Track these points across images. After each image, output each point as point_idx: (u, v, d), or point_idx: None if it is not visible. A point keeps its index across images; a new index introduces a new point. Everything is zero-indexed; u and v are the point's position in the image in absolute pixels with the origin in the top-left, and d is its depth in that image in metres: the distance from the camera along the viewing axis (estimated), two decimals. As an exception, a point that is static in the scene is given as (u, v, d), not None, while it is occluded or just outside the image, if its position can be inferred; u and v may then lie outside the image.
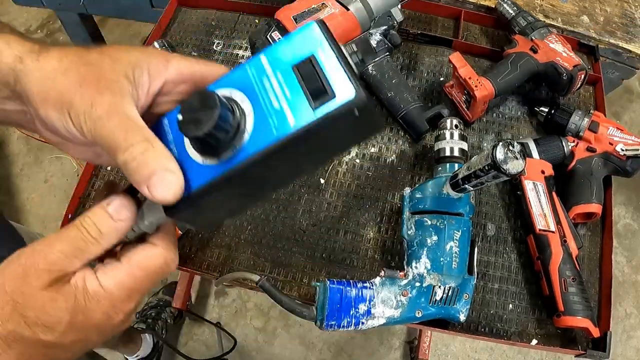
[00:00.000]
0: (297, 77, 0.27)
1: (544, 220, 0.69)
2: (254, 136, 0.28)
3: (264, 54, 0.29)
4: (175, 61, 0.32)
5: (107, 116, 0.28)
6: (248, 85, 0.29)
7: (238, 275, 0.67)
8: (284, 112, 0.27)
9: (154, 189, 0.28)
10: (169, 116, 0.31)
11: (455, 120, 0.70)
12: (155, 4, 1.17)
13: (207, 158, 0.29)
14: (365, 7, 0.76)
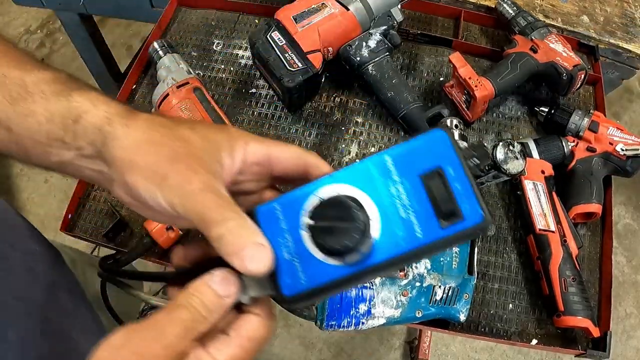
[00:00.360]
0: (425, 189, 0.28)
1: (544, 220, 0.69)
2: (381, 244, 0.28)
3: (388, 154, 0.29)
4: (253, 143, 0.34)
5: (202, 193, 0.29)
6: (372, 188, 0.29)
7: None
8: (412, 225, 0.28)
9: (247, 261, 0.28)
10: (280, 203, 0.31)
11: (455, 120, 0.70)
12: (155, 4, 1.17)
13: (330, 258, 0.28)
14: (365, 7, 0.76)
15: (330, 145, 0.80)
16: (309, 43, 0.74)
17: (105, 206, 0.74)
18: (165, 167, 0.30)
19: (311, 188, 0.30)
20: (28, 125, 0.33)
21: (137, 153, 0.31)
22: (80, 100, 0.33)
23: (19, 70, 0.34)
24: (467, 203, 0.27)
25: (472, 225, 0.27)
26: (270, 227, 0.30)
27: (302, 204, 0.30)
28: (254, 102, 0.84)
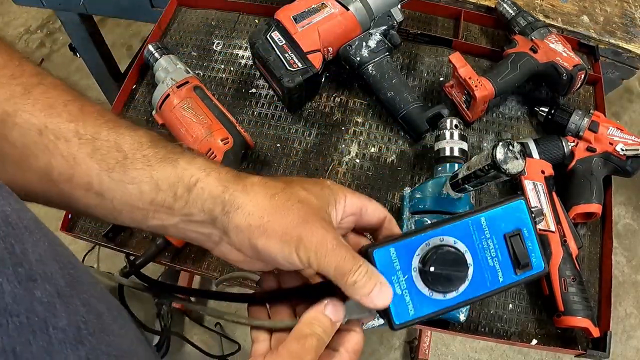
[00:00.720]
0: (507, 244, 0.37)
1: (544, 220, 0.69)
2: (473, 284, 0.37)
3: (483, 215, 0.37)
4: (350, 197, 0.38)
5: (334, 250, 0.34)
6: (470, 240, 0.37)
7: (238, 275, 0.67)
8: (496, 271, 0.37)
9: (376, 300, 0.34)
10: (395, 247, 0.37)
11: (455, 120, 0.70)
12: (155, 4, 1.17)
13: (435, 293, 0.36)
14: (365, 7, 0.76)
15: (330, 145, 0.80)
16: (309, 43, 0.74)
17: (105, 206, 0.74)
18: (298, 229, 0.33)
19: (422, 237, 0.37)
20: (128, 192, 0.33)
21: (266, 220, 0.33)
22: (189, 167, 0.34)
23: (108, 131, 0.33)
24: (535, 257, 0.37)
25: (536, 273, 0.37)
26: (385, 266, 0.36)
27: (415, 248, 0.37)
28: (254, 102, 0.84)
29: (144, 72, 0.86)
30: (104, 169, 0.32)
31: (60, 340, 0.24)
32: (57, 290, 0.25)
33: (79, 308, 0.26)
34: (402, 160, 0.79)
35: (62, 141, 0.32)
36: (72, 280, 0.27)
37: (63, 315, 0.24)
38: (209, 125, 0.71)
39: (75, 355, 0.24)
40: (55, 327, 0.24)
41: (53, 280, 0.25)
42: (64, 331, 0.24)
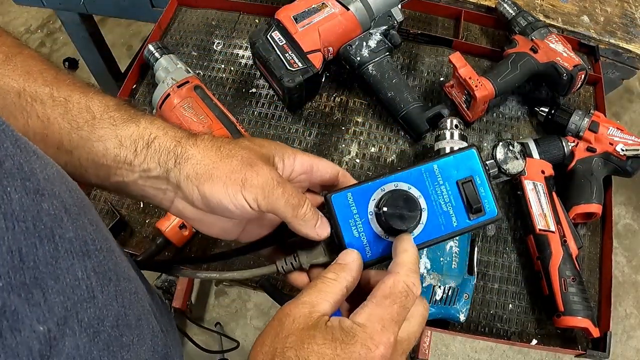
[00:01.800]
0: (460, 191, 0.39)
1: (544, 220, 0.69)
2: (427, 228, 0.39)
3: (436, 164, 0.39)
4: (300, 156, 0.41)
5: (282, 186, 0.36)
6: (424, 187, 0.39)
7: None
8: (450, 216, 0.39)
9: (320, 231, 0.38)
10: (352, 192, 0.39)
11: (455, 120, 0.70)
12: (155, 3, 1.17)
13: (390, 236, 0.38)
14: (366, 7, 0.76)
15: (330, 145, 0.80)
16: (309, 43, 0.74)
17: (105, 206, 0.74)
18: (243, 171, 0.36)
19: (378, 183, 0.39)
20: (94, 149, 0.36)
21: (211, 165, 0.36)
22: (149, 127, 0.37)
23: (80, 95, 0.36)
24: (488, 203, 0.39)
25: (490, 218, 0.39)
26: (343, 210, 0.39)
27: (371, 194, 0.39)
28: (254, 102, 0.84)
29: (144, 72, 0.87)
30: (74, 127, 0.35)
31: (66, 250, 0.25)
32: (65, 207, 0.26)
33: (86, 226, 0.28)
34: (402, 160, 0.79)
35: (38, 103, 0.35)
36: (80, 203, 0.28)
37: (70, 229, 0.26)
38: (209, 125, 0.71)
39: (82, 265, 0.26)
40: (62, 237, 0.25)
41: (60, 198, 0.26)
42: (70, 242, 0.25)
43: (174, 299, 1.34)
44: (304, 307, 0.33)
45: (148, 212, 0.74)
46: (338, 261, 0.37)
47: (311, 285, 0.35)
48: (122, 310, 0.29)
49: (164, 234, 0.67)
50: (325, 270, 0.36)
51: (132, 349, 0.30)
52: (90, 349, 0.25)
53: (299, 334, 0.32)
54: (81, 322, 0.25)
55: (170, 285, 1.40)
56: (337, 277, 0.35)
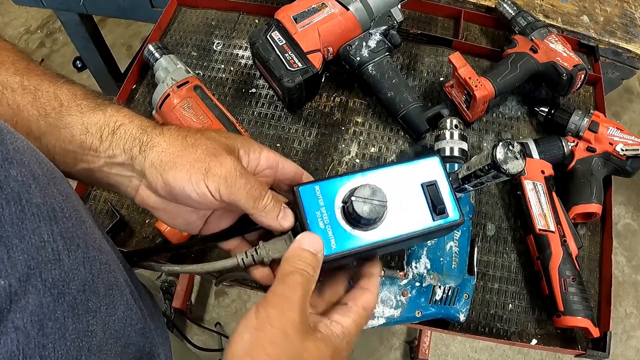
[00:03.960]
0: (424, 193, 0.40)
1: (544, 220, 0.69)
2: (393, 225, 0.39)
3: (402, 165, 0.41)
4: (266, 151, 0.41)
5: (243, 177, 0.36)
6: (391, 186, 0.40)
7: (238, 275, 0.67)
8: (415, 215, 0.40)
9: (283, 222, 0.39)
10: (319, 185, 0.40)
11: (455, 120, 0.70)
12: (155, 3, 1.17)
13: (355, 230, 0.38)
14: (365, 7, 0.76)
15: (330, 145, 0.80)
16: (309, 43, 0.74)
17: (105, 206, 0.74)
18: (207, 161, 0.36)
19: (345, 178, 0.40)
20: (61, 136, 0.36)
21: (176, 154, 0.36)
22: (116, 114, 0.37)
23: (49, 84, 0.37)
24: (449, 206, 0.40)
25: (452, 221, 0.40)
26: (309, 202, 0.39)
27: (338, 188, 0.39)
28: (254, 102, 0.84)
29: (144, 72, 0.86)
30: (42, 114, 0.36)
31: (33, 214, 0.26)
32: (33, 175, 0.27)
33: (55, 194, 0.29)
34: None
35: (9, 91, 0.35)
36: (50, 174, 0.30)
37: (38, 195, 0.27)
38: (209, 125, 0.71)
39: (48, 229, 0.27)
40: (29, 201, 0.26)
41: (29, 167, 0.27)
42: (38, 207, 0.27)
43: (174, 299, 1.34)
44: (305, 316, 0.34)
45: (148, 213, 0.74)
46: (293, 245, 0.36)
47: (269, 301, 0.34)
48: (89, 277, 0.30)
49: (163, 234, 0.67)
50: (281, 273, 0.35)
51: (98, 315, 0.31)
52: (54, 308, 0.27)
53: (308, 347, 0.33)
54: (45, 281, 0.26)
55: (170, 285, 1.40)
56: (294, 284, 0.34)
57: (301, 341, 0.33)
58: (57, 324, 0.27)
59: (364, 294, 0.39)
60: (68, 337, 0.27)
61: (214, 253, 0.71)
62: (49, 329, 0.26)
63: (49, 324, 0.26)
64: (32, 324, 0.25)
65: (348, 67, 0.80)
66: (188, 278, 1.37)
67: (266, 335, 0.32)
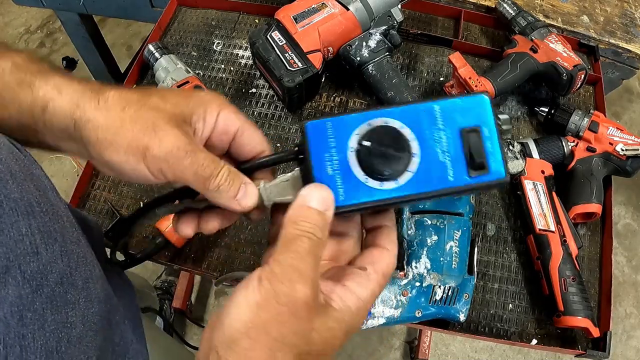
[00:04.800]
0: (462, 141, 0.32)
1: (544, 220, 0.69)
2: (416, 178, 0.31)
3: (437, 104, 0.32)
4: (225, 112, 0.35)
5: (188, 156, 0.31)
6: (419, 129, 0.32)
7: (238, 275, 0.67)
8: (446, 168, 0.31)
9: (243, 202, 0.33)
10: (332, 121, 0.33)
11: (455, 120, 0.70)
12: (155, 3, 1.17)
13: (371, 180, 0.31)
14: (365, 7, 0.76)
15: (330, 145, 0.80)
16: (309, 43, 0.74)
17: (105, 206, 0.74)
18: (144, 139, 0.31)
19: (365, 115, 0.32)
20: (3, 117, 0.33)
21: (113, 132, 0.31)
22: (44, 87, 0.33)
23: None
24: (494, 161, 0.31)
25: (494, 179, 0.31)
26: (318, 142, 0.32)
27: (355, 128, 0.32)
28: (254, 102, 0.84)
29: (144, 72, 0.86)
30: None
31: (11, 208, 0.26)
32: (10, 172, 0.27)
33: (32, 190, 0.29)
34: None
35: None
36: (27, 170, 0.29)
37: (15, 190, 0.27)
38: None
39: (26, 223, 0.27)
40: (6, 196, 0.26)
41: (6, 164, 0.27)
42: (15, 202, 0.27)
43: (174, 299, 1.34)
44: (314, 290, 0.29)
45: (148, 212, 0.74)
46: (298, 202, 0.31)
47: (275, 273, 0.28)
48: (67, 270, 0.30)
49: (163, 234, 0.67)
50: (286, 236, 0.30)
51: (77, 307, 0.31)
52: (33, 299, 0.27)
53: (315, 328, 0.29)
54: (24, 273, 0.27)
55: (170, 285, 1.40)
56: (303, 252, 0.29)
57: (310, 320, 0.28)
58: (36, 315, 0.27)
59: (384, 256, 0.33)
60: (47, 327, 0.28)
61: (214, 253, 0.72)
62: (28, 319, 0.26)
63: (28, 315, 0.27)
64: (12, 314, 0.26)
65: (348, 67, 0.80)
66: (188, 278, 1.37)
67: (270, 313, 0.27)
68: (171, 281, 1.40)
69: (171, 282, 1.40)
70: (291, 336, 0.27)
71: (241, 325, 0.27)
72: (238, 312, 0.28)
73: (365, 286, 0.31)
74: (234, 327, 0.27)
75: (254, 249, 0.72)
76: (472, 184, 0.31)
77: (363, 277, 0.32)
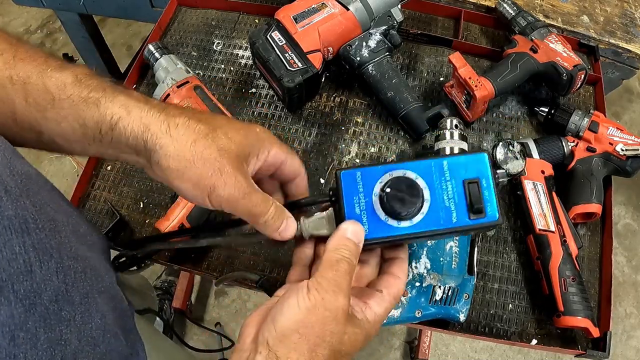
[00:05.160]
0: (464, 190, 0.39)
1: (544, 220, 0.69)
2: (427, 219, 0.39)
3: (446, 160, 0.40)
4: (275, 150, 0.41)
5: (247, 197, 0.37)
6: (430, 179, 0.40)
7: (238, 275, 0.67)
8: (451, 211, 0.39)
9: (284, 234, 0.40)
10: (361, 171, 0.40)
11: (455, 120, 0.70)
12: (155, 3, 1.17)
13: (390, 219, 0.39)
14: (365, 7, 0.76)
15: (330, 145, 0.80)
16: (309, 43, 0.74)
17: (105, 206, 0.74)
18: (212, 179, 0.36)
19: (387, 168, 0.40)
20: (62, 129, 0.36)
21: (184, 165, 0.35)
22: (111, 107, 0.36)
23: (38, 75, 0.35)
24: (490, 207, 0.39)
25: (490, 222, 0.39)
26: (349, 187, 0.40)
27: (379, 177, 0.40)
28: (254, 102, 0.84)
29: (144, 72, 0.86)
30: (38, 109, 0.35)
31: (4, 226, 0.27)
32: (5, 188, 0.28)
33: (27, 206, 0.29)
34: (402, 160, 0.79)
35: (0, 87, 0.35)
36: (24, 185, 0.29)
37: (9, 207, 0.27)
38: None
39: (20, 241, 0.27)
40: (0, 214, 0.26)
41: (1, 180, 0.28)
42: (9, 219, 0.27)
43: (174, 299, 1.34)
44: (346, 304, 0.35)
45: (148, 212, 0.74)
46: (339, 234, 0.38)
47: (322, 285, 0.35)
48: (62, 287, 0.30)
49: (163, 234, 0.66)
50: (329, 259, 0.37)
51: (73, 324, 0.31)
52: (25, 319, 0.27)
53: (347, 332, 0.35)
54: (17, 293, 0.27)
55: (170, 285, 1.40)
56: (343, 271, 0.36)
57: (344, 325, 0.35)
58: (28, 335, 0.27)
59: (396, 283, 0.40)
60: (40, 346, 0.28)
61: (214, 253, 0.71)
62: (20, 339, 0.26)
63: (20, 335, 0.26)
64: (3, 335, 0.26)
65: (348, 67, 0.80)
66: (188, 278, 1.37)
67: (317, 316, 0.33)
68: (171, 281, 1.40)
69: (171, 282, 1.40)
70: (330, 335, 0.34)
71: (293, 323, 0.33)
72: (290, 313, 0.34)
73: (380, 305, 0.38)
74: (286, 325, 0.33)
75: (254, 249, 0.72)
76: (471, 225, 0.39)
77: (379, 297, 0.39)
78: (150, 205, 0.74)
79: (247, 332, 0.36)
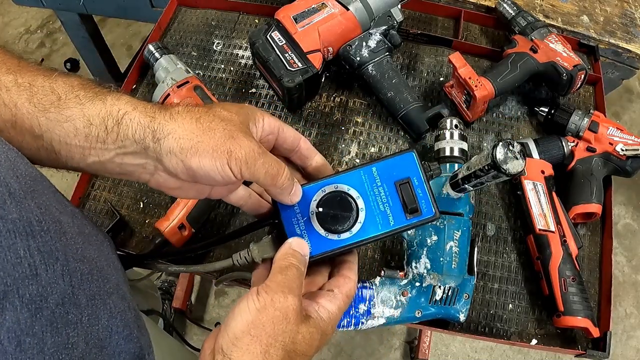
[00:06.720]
0: (397, 191, 0.41)
1: (544, 220, 0.69)
2: (365, 227, 0.41)
3: (374, 166, 0.42)
4: (267, 117, 0.43)
5: (262, 157, 0.38)
6: (362, 188, 0.42)
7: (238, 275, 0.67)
8: (387, 215, 0.41)
9: (294, 197, 0.41)
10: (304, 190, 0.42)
11: (455, 120, 0.70)
12: (155, 3, 1.17)
13: (329, 234, 0.41)
14: (365, 7, 0.76)
15: (330, 145, 0.80)
16: (309, 43, 0.74)
17: (105, 206, 0.74)
18: (227, 144, 0.37)
19: (319, 185, 0.42)
20: (64, 131, 0.36)
21: (196, 141, 0.36)
22: (117, 103, 0.36)
23: (43, 79, 0.36)
24: (425, 204, 0.41)
25: (427, 217, 0.41)
26: (286, 211, 0.42)
27: (312, 195, 0.41)
28: (254, 102, 0.84)
29: (144, 72, 0.86)
30: (41, 110, 0.35)
31: (9, 230, 0.26)
32: (9, 191, 0.27)
33: (32, 208, 0.29)
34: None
35: (4, 90, 0.35)
36: (28, 187, 0.29)
37: (13, 210, 0.27)
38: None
39: (25, 244, 0.27)
40: (3, 218, 0.26)
41: (5, 182, 0.27)
42: (13, 223, 0.27)
43: (174, 299, 1.34)
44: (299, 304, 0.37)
45: (148, 212, 0.74)
46: (284, 247, 0.40)
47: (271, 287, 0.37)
48: (69, 289, 0.30)
49: (163, 234, 0.67)
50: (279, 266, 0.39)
51: (80, 327, 0.31)
52: (32, 324, 0.27)
53: (301, 331, 0.37)
54: (22, 297, 0.26)
55: (170, 285, 1.40)
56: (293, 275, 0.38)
57: (297, 325, 0.36)
58: (35, 339, 0.27)
59: (347, 282, 0.42)
60: (47, 351, 0.28)
61: (214, 253, 0.71)
62: (26, 344, 0.26)
63: (26, 340, 0.26)
64: (10, 341, 0.25)
65: (348, 67, 0.80)
66: (188, 278, 1.37)
67: (268, 316, 0.35)
68: (171, 281, 1.40)
69: (171, 282, 1.40)
70: (282, 335, 0.35)
71: (244, 325, 0.34)
72: (241, 316, 0.35)
73: (333, 302, 0.40)
74: (238, 328, 0.34)
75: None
76: (410, 224, 0.41)
77: (331, 296, 0.40)
78: (150, 205, 0.74)
79: (206, 346, 0.37)
